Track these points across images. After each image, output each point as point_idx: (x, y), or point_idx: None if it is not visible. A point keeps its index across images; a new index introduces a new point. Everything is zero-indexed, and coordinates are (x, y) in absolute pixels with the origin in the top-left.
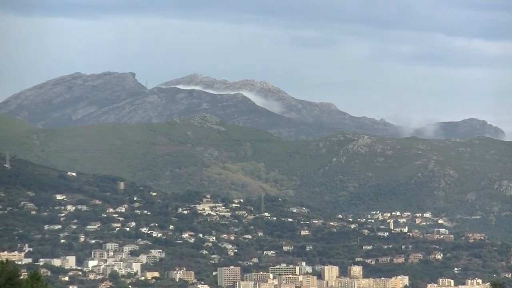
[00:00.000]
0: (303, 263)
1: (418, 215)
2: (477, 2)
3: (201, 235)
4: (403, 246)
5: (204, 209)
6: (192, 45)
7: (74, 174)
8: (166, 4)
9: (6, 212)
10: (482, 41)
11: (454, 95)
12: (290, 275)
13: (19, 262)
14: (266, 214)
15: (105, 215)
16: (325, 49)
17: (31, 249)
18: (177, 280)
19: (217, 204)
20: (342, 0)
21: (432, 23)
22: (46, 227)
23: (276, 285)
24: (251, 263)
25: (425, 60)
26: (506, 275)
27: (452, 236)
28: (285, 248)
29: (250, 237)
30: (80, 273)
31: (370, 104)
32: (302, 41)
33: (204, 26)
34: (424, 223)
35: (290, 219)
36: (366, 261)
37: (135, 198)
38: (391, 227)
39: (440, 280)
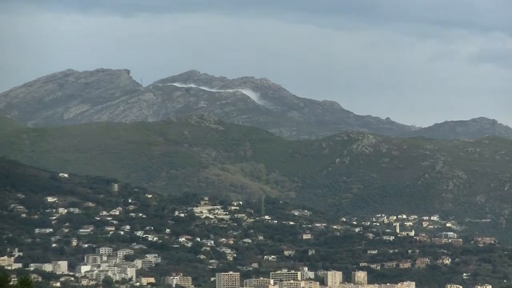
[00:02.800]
0: (305, 268)
1: (425, 218)
2: None
3: (198, 239)
4: (409, 251)
5: (201, 212)
6: (189, 41)
7: (66, 175)
8: None
9: None
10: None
11: (464, 93)
12: (292, 281)
13: (9, 267)
14: (267, 217)
15: (98, 218)
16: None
17: (21, 253)
18: (174, 286)
19: (215, 206)
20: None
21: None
22: (36, 230)
23: None
24: (251, 268)
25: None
26: None
27: (460, 240)
28: (286, 253)
29: (249, 241)
30: (72, 278)
31: (375, 102)
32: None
33: (201, 21)
34: (432, 226)
35: (291, 223)
36: (371, 266)
37: (129, 201)
38: (397, 230)
39: (448, 286)
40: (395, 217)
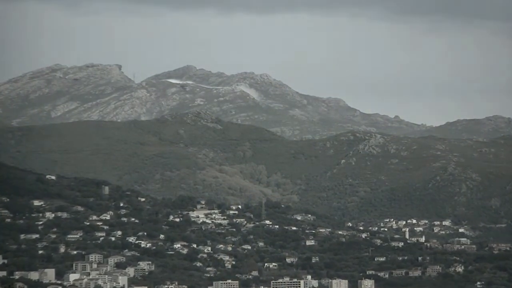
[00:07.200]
0: (309, 277)
1: (436, 223)
2: None
3: (195, 246)
4: (419, 258)
5: (198, 217)
6: (184, 35)
7: (53, 177)
8: None
9: None
10: None
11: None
12: None
13: None
14: (267, 222)
15: (88, 223)
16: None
17: (5, 261)
18: None
19: (212, 211)
20: None
21: None
22: (22, 236)
23: None
24: (250, 276)
25: None
26: None
27: (474, 246)
28: (288, 260)
29: (249, 247)
30: (60, 287)
31: (383, 100)
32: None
33: (197, 15)
34: (443, 232)
35: (294, 228)
36: (379, 274)
37: (121, 204)
38: (407, 236)
39: None
40: (404, 222)
